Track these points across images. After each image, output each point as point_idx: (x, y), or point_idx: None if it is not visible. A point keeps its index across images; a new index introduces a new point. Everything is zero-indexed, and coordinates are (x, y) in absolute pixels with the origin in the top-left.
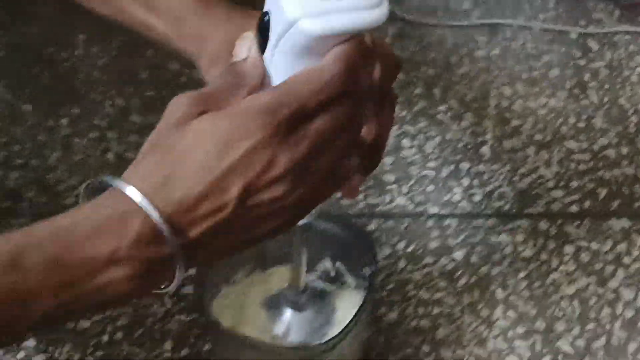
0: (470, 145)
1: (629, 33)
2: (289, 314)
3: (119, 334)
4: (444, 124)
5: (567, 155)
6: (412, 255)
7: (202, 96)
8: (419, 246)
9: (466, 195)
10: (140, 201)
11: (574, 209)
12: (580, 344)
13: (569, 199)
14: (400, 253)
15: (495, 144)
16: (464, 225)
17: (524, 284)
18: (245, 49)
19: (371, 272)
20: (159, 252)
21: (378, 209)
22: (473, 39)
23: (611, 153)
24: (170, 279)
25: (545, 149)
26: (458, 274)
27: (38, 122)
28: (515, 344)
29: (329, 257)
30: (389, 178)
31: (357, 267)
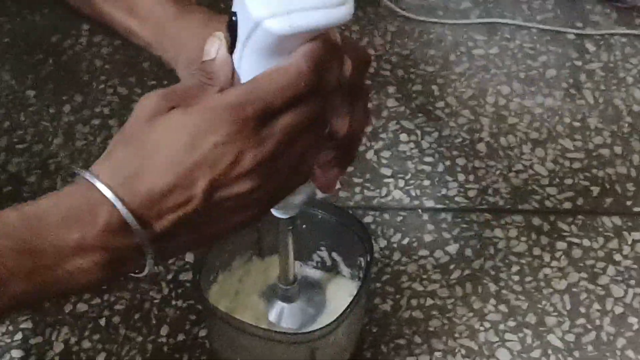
0: (467, 141)
1: (625, 35)
2: (282, 304)
3: (116, 318)
4: (441, 120)
5: (562, 153)
6: (407, 248)
7: (172, 93)
8: (413, 239)
9: (461, 190)
10: (107, 193)
11: (567, 205)
12: (570, 338)
13: (562, 196)
14: (395, 245)
15: (492, 141)
16: (458, 220)
17: (516, 278)
18: (214, 48)
19: (366, 263)
20: (127, 242)
21: (375, 201)
22: (472, 38)
23: (605, 152)
24: (141, 268)
25: (541, 147)
26: (452, 267)
27: (41, 109)
28: (506, 337)
29: (325, 247)
30: (385, 172)
31: (353, 258)
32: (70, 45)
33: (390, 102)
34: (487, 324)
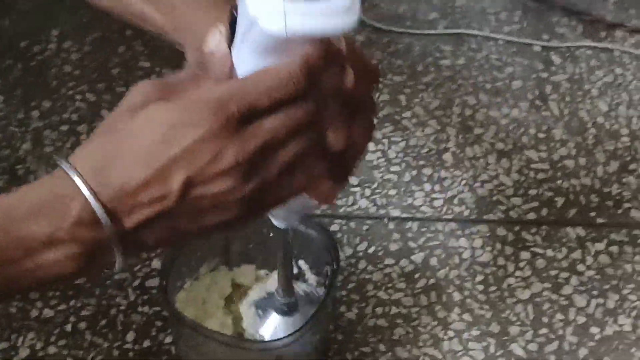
0: (433, 151)
1: (591, 48)
2: (278, 317)
3: (82, 324)
4: (408, 130)
5: (527, 164)
6: (373, 257)
7: (164, 84)
8: (379, 248)
9: (427, 199)
10: (79, 184)
11: (532, 216)
12: (533, 348)
13: (527, 206)
14: (361, 254)
15: (458, 151)
16: (424, 229)
17: (480, 287)
18: (214, 41)
19: (332, 271)
20: (98, 236)
21: (341, 210)
22: (439, 48)
23: (569, 163)
24: (111, 265)
25: (506, 158)
26: (417, 276)
27: (9, 114)
28: (469, 346)
29: (293, 251)
30: (352, 180)
31: (319, 266)
32: (40, 51)
33: None
34: (451, 333)
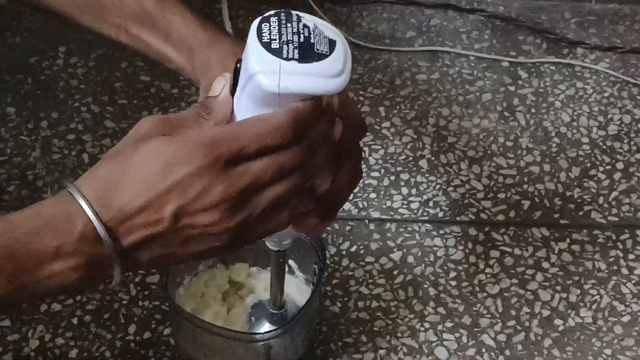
0: (410, 158)
1: (554, 64)
2: (270, 326)
3: (88, 317)
4: (387, 138)
5: (496, 170)
6: (355, 255)
7: (168, 121)
8: (361, 247)
9: (405, 202)
10: (84, 206)
11: (500, 217)
12: (502, 338)
13: (496, 209)
14: (344, 252)
15: (432, 158)
16: (401, 229)
17: (453, 283)
18: (219, 87)
19: (319, 270)
20: (99, 251)
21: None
22: (415, 64)
23: (535, 169)
24: (112, 277)
25: (477, 164)
26: (395, 272)
27: (20, 124)
28: (444, 337)
29: (293, 273)
30: None
31: (307, 265)
32: (48, 66)
33: None
34: (427, 325)
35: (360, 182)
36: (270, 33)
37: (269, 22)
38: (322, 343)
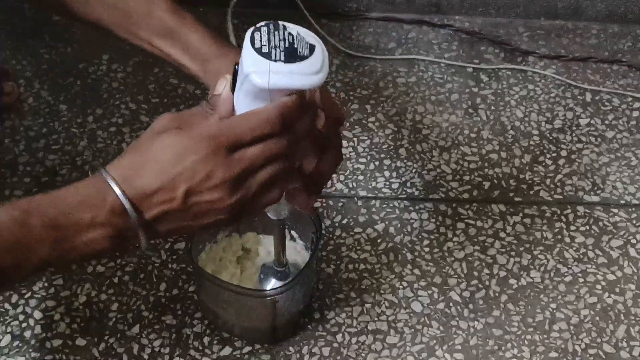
0: (392, 147)
1: (510, 70)
2: (276, 282)
3: (126, 277)
4: (372, 131)
5: (462, 157)
6: (346, 226)
7: (180, 117)
8: (351, 219)
9: (387, 183)
10: (113, 185)
11: (465, 196)
12: (467, 295)
13: (462, 188)
14: (337, 224)
15: (410, 147)
16: (384, 205)
17: (426, 249)
18: (222, 86)
19: (316, 238)
20: (126, 222)
21: (322, 191)
22: (396, 70)
23: (494, 156)
24: (138, 246)
25: (446, 152)
26: (379, 240)
27: (71, 119)
28: (418, 293)
29: (286, 226)
30: None
31: (306, 234)
32: (94, 71)
33: None
34: (405, 284)
35: (350, 167)
36: (261, 40)
37: (260, 31)
38: (319, 298)
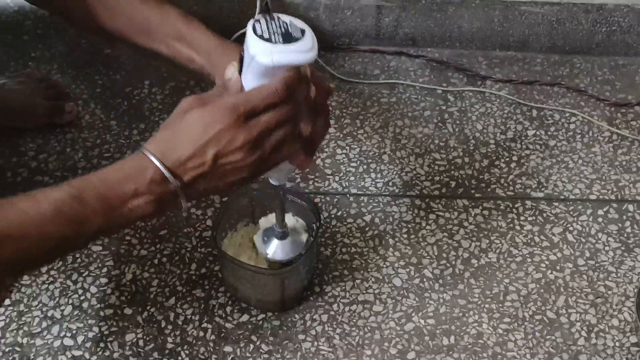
0: (377, 154)
1: (472, 91)
2: (277, 241)
3: (164, 259)
4: (361, 141)
5: (433, 162)
6: (340, 217)
7: (201, 97)
8: (344, 212)
9: (373, 183)
10: (153, 158)
11: (436, 193)
12: (437, 272)
13: (433, 187)
14: (333, 215)
15: (392, 154)
16: (371, 200)
17: (405, 236)
18: (231, 71)
19: (316, 227)
20: (166, 189)
21: (321, 189)
22: (380, 92)
23: (459, 161)
24: (179, 207)
25: (421, 158)
26: (367, 229)
27: (119, 132)
28: (399, 271)
29: (294, 215)
30: (327, 171)
31: (309, 223)
32: (137, 94)
33: (331, 130)
34: (387, 263)
35: (343, 169)
36: (261, 29)
37: (260, 22)
38: (319, 275)
